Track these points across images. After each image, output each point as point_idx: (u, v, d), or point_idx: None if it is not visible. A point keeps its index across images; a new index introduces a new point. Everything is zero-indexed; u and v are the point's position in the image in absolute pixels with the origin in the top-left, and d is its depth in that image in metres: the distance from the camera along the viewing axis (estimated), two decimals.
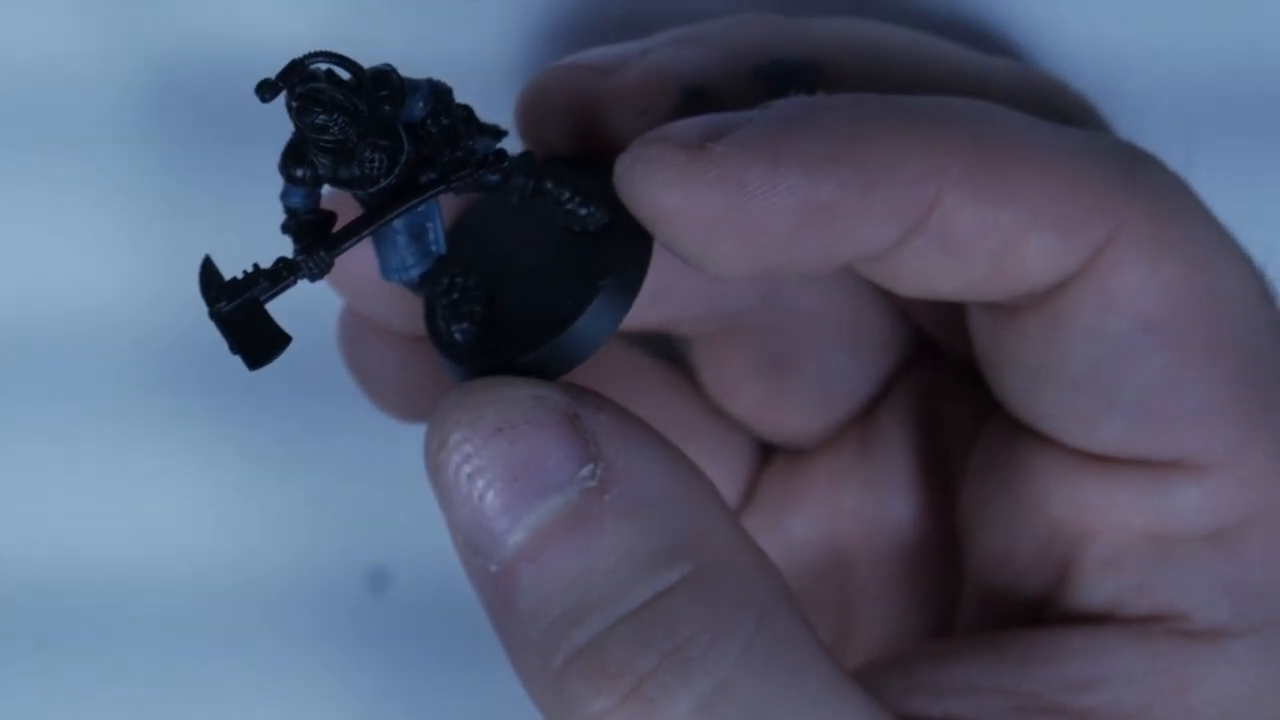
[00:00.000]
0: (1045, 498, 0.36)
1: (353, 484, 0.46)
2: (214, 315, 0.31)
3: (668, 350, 0.43)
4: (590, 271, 0.33)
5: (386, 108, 0.31)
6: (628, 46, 0.36)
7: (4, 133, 0.44)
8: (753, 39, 0.36)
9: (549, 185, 0.33)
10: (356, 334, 0.40)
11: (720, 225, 0.31)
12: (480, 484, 0.32)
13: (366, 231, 0.31)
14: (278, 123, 0.44)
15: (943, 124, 0.32)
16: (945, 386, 0.40)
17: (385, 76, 0.31)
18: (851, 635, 0.40)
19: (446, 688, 0.47)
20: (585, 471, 0.32)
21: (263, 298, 0.31)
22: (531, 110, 0.36)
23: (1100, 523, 0.35)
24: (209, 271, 0.32)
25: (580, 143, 0.35)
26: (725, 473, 0.41)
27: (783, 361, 0.40)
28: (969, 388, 0.39)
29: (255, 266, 0.31)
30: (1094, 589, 0.35)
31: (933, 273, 0.33)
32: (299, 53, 0.30)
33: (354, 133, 0.30)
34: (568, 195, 0.33)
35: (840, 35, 0.36)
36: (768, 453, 0.42)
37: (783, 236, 0.32)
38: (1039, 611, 0.36)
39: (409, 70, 0.32)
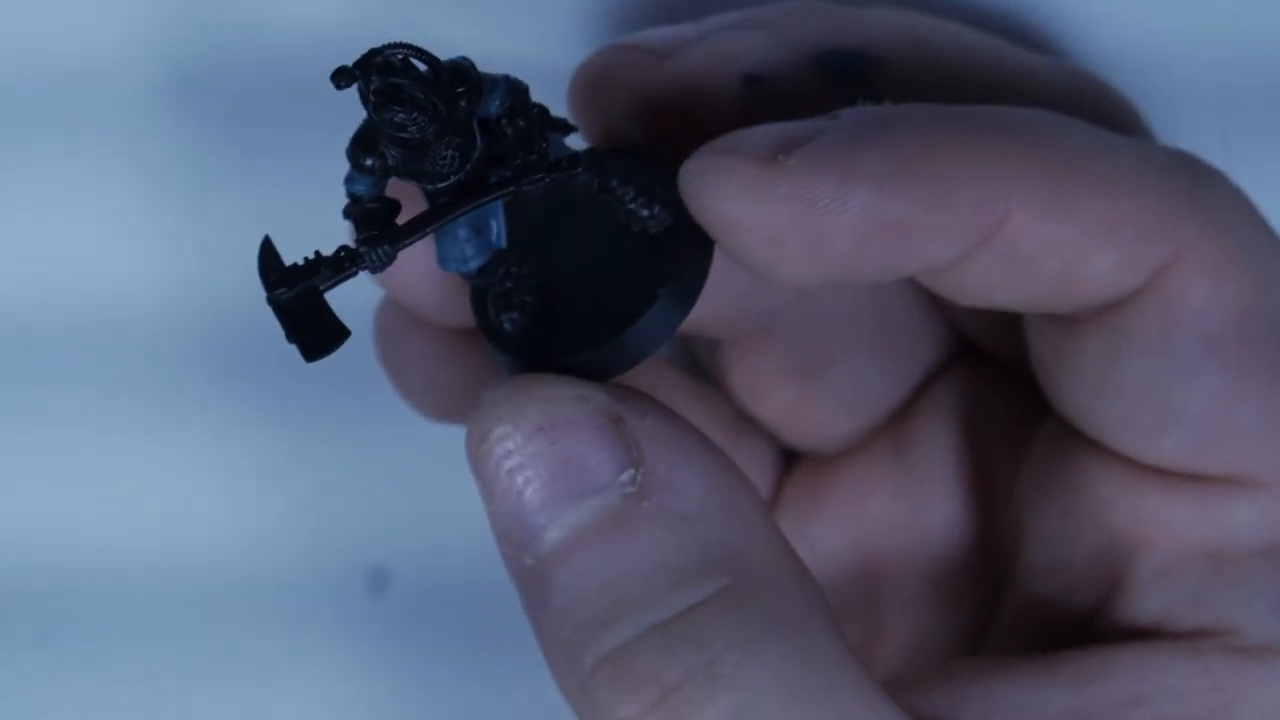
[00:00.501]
0: (1104, 507, 0.36)
1: (353, 484, 0.46)
2: (272, 302, 0.31)
3: (687, 355, 0.43)
4: (649, 276, 0.33)
5: (463, 104, 0.30)
6: (682, 28, 0.36)
7: (26, 120, 0.44)
8: (809, 27, 0.36)
9: (614, 183, 0.33)
10: (393, 328, 0.39)
11: (788, 238, 0.31)
12: (520, 480, 0.31)
13: (432, 227, 0.31)
14: (301, 111, 0.44)
15: (1012, 139, 0.32)
16: (984, 391, 0.40)
17: (464, 72, 0.30)
18: (878, 642, 0.40)
19: (445, 688, 0.47)
20: (625, 476, 0.31)
21: (322, 287, 0.31)
22: (589, 91, 0.36)
23: (1157, 535, 0.35)
24: (268, 255, 0.31)
25: (639, 126, 0.35)
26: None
27: (814, 364, 0.40)
28: (1010, 392, 0.39)
29: (316, 254, 0.31)
30: (1146, 601, 0.35)
31: (995, 286, 0.33)
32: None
33: (432, 132, 0.30)
34: (632, 194, 0.33)
35: (892, 26, 0.36)
36: (790, 460, 0.42)
37: (850, 251, 0.32)
38: (1087, 623, 0.36)
39: (448, 53, 0.32)
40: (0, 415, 0.46)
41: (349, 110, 0.36)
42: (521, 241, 0.34)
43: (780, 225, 0.31)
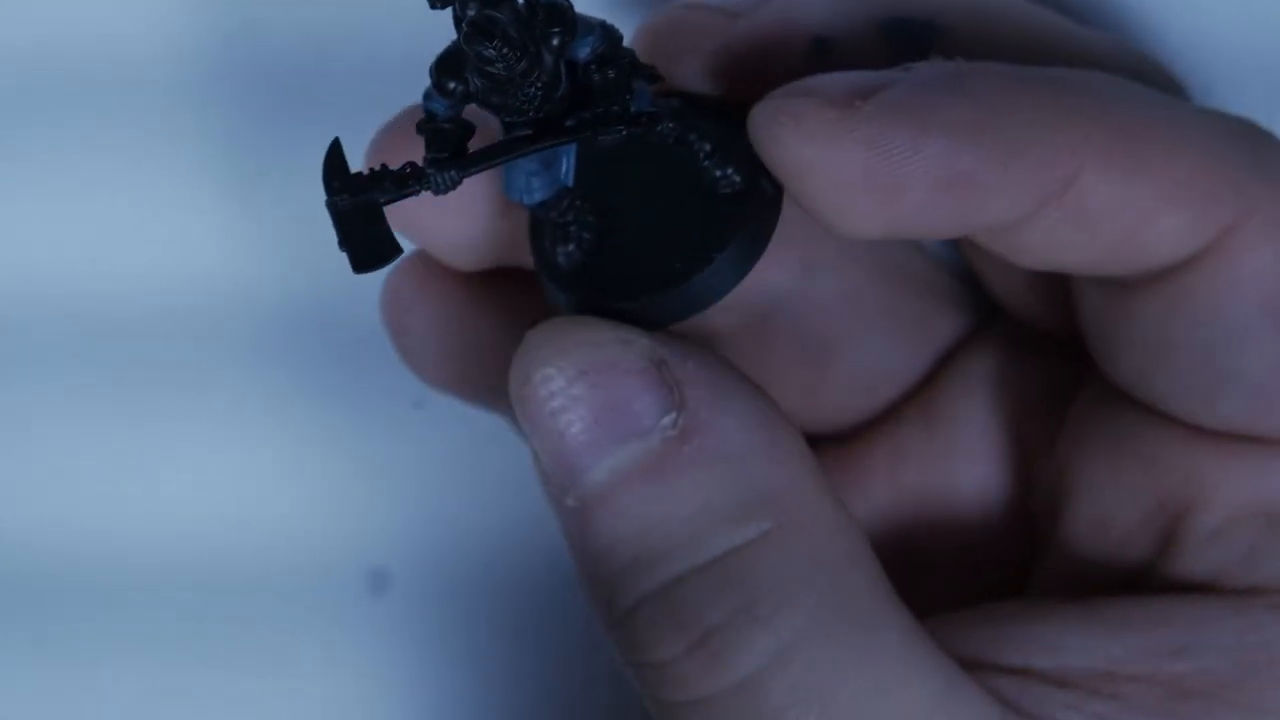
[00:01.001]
0: (1155, 468, 0.36)
1: (353, 484, 0.46)
2: (330, 206, 0.31)
3: None
4: (709, 237, 0.33)
5: (555, 44, 0.30)
6: None
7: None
8: None
9: (693, 138, 0.33)
10: (404, 290, 0.39)
11: (859, 185, 0.32)
12: (562, 422, 0.32)
13: (501, 160, 0.31)
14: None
15: (1084, 98, 0.33)
16: (1014, 358, 0.40)
17: (561, 13, 0.30)
18: (913, 610, 0.40)
19: (446, 688, 0.46)
20: (667, 419, 0.32)
21: (383, 200, 0.31)
22: (655, 48, 0.36)
23: (1211, 496, 0.35)
24: (335, 159, 0.31)
25: (706, 84, 0.36)
26: None
27: (822, 349, 0.40)
28: (1042, 358, 0.39)
29: (383, 166, 0.31)
30: (1198, 560, 0.35)
31: (1059, 246, 0.33)
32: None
33: (520, 69, 0.30)
34: (708, 151, 0.33)
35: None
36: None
37: (920, 201, 0.32)
38: (1134, 583, 0.36)
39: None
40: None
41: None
42: (589, 177, 0.34)
43: (852, 171, 0.32)
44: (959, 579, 0.40)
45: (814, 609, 0.32)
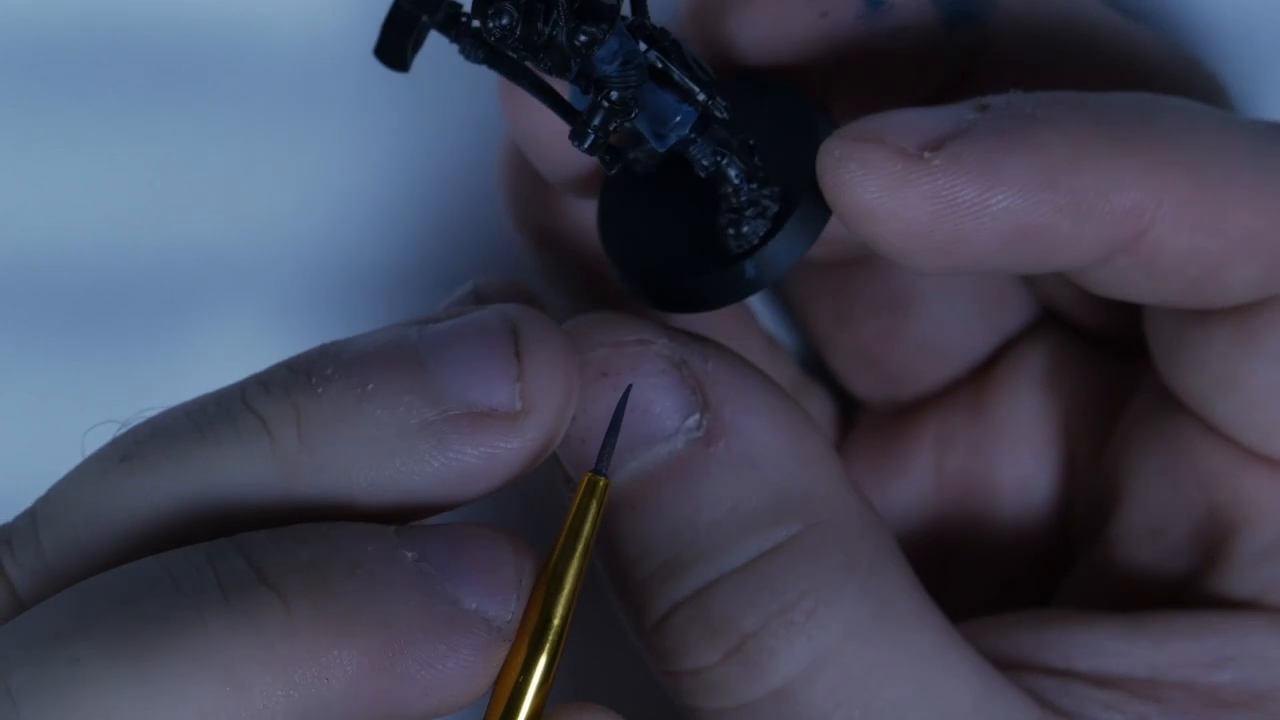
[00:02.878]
0: (1208, 482, 0.35)
1: None
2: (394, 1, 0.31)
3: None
4: (708, 278, 0.33)
5: (581, 39, 0.30)
6: None
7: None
8: None
9: (732, 178, 0.32)
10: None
11: (926, 236, 0.31)
12: (582, 426, 0.31)
13: (516, 81, 0.31)
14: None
15: (1160, 143, 0.32)
16: (1070, 356, 0.39)
17: (598, 13, 0.30)
18: (943, 600, 0.40)
19: None
20: (691, 422, 0.31)
21: (426, 19, 0.31)
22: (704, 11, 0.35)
23: (1260, 515, 0.35)
24: None
25: (758, 40, 0.35)
26: None
27: (908, 297, 0.39)
28: (1097, 359, 0.39)
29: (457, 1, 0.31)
30: (1243, 578, 0.35)
31: (1131, 286, 0.33)
32: None
33: (518, 37, 0.29)
34: (735, 204, 0.33)
35: None
36: (848, 421, 0.42)
37: (987, 251, 0.31)
38: (1177, 592, 0.36)
39: None
40: None
41: None
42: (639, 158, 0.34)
43: (919, 224, 0.31)
44: (991, 570, 0.39)
45: (849, 612, 0.31)
